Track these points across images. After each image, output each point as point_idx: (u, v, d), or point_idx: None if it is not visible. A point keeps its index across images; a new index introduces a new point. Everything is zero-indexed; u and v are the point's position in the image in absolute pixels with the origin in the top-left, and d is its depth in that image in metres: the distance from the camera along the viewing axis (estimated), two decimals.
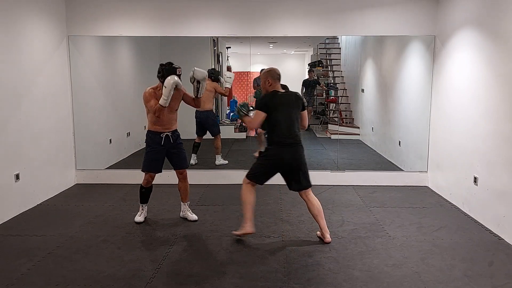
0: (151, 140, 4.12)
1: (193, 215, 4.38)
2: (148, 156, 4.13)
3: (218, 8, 5.53)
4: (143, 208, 4.34)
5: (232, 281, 3.08)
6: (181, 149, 4.25)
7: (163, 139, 4.09)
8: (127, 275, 3.17)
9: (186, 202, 4.39)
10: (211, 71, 6.18)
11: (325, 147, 7.42)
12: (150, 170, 4.16)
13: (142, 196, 4.31)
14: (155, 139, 4.09)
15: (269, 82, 3.77)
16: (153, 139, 4.10)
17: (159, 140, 4.09)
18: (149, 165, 4.15)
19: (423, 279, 3.11)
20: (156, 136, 4.09)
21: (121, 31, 5.55)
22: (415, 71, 5.93)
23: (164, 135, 4.09)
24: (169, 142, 4.12)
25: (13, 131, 4.43)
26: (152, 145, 4.11)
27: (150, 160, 4.13)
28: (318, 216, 3.82)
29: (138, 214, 4.33)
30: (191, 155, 6.27)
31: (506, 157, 3.84)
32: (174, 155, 4.20)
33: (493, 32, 4.08)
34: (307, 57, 9.87)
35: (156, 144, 4.09)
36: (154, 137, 4.10)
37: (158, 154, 4.13)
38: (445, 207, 4.79)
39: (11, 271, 3.23)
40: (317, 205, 3.82)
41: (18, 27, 4.52)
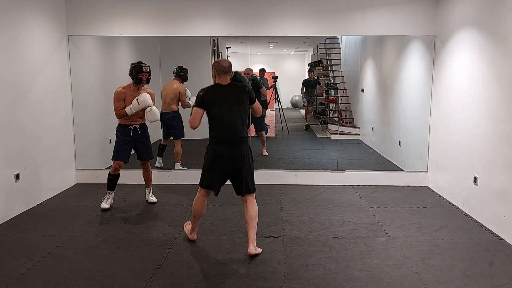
0: (121, 132, 4.53)
1: (153, 198, 4.88)
2: (117, 146, 4.52)
3: (218, 8, 5.53)
4: (110, 194, 4.66)
5: (232, 281, 3.08)
6: (147, 141, 4.67)
7: (132, 131, 4.51)
8: (127, 275, 3.17)
9: (149, 187, 4.90)
10: (179, 69, 5.84)
11: (325, 147, 7.42)
12: (118, 158, 4.51)
13: (109, 183, 4.62)
14: (124, 131, 4.51)
15: (213, 74, 3.51)
16: (122, 131, 4.52)
17: (128, 132, 4.51)
18: (117, 154, 4.52)
19: (423, 279, 3.11)
20: (125, 128, 4.51)
21: (121, 31, 5.55)
22: (415, 71, 5.93)
23: (132, 127, 4.51)
24: (137, 134, 4.55)
25: (13, 131, 4.43)
26: (121, 136, 4.51)
27: (118, 149, 4.51)
28: (249, 224, 3.48)
29: (104, 201, 4.63)
30: (157, 158, 5.93)
31: (506, 157, 3.84)
32: (141, 147, 4.62)
33: (493, 32, 4.08)
34: (307, 57, 9.86)
35: (125, 136, 4.51)
36: (123, 129, 4.52)
37: (126, 145, 4.52)
38: (445, 207, 4.79)
39: (11, 271, 3.23)
40: (252, 213, 3.49)
41: (18, 27, 4.52)
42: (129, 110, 4.39)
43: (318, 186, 5.60)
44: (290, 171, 5.84)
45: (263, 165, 6.24)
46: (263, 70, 7.88)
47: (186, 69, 5.94)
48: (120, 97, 4.43)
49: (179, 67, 5.88)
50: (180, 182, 5.70)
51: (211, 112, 3.41)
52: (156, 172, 5.73)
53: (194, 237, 3.81)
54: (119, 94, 4.43)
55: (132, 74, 4.45)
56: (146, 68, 4.46)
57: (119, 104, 4.43)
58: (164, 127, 5.87)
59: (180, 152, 5.88)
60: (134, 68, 4.44)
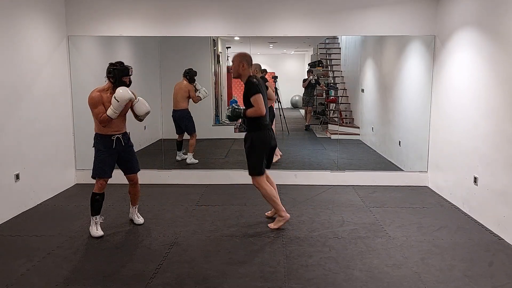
0: (101, 143, 3.86)
1: (140, 218, 4.26)
2: (100, 160, 3.86)
3: (218, 8, 5.52)
4: (96, 220, 3.92)
5: (232, 281, 3.08)
6: (132, 152, 4.06)
7: (114, 142, 3.88)
8: (127, 275, 3.17)
9: (136, 205, 4.25)
10: (186, 71, 6.33)
11: (325, 147, 7.42)
12: (103, 175, 3.86)
13: (95, 206, 3.89)
14: (105, 143, 3.86)
15: (243, 66, 3.89)
16: (104, 142, 3.86)
17: (110, 143, 3.87)
18: (101, 170, 3.85)
19: (423, 279, 3.11)
20: (106, 139, 3.86)
21: (121, 31, 5.55)
22: (415, 71, 5.93)
23: (115, 137, 3.87)
24: (120, 145, 3.91)
25: (13, 131, 4.43)
26: (103, 149, 3.86)
27: (102, 164, 3.85)
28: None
29: (95, 227, 3.91)
30: (176, 153, 6.48)
31: (506, 157, 3.84)
32: (126, 159, 4.00)
33: (493, 32, 4.08)
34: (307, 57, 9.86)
35: (107, 148, 3.86)
36: (104, 140, 3.86)
37: (110, 158, 3.88)
38: (445, 207, 4.79)
39: (11, 271, 3.23)
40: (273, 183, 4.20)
41: (18, 27, 4.52)
42: (111, 112, 3.71)
43: (318, 186, 5.60)
44: (290, 171, 5.84)
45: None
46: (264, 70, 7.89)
47: (194, 71, 6.38)
48: (98, 102, 3.77)
49: (188, 69, 6.36)
50: (180, 182, 5.70)
51: None
52: (156, 172, 5.74)
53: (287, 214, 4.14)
54: (96, 98, 3.77)
55: (113, 76, 3.78)
56: (131, 71, 3.89)
57: (100, 109, 3.76)
58: (175, 123, 6.34)
59: (193, 144, 6.36)
60: (117, 71, 3.77)
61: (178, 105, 6.27)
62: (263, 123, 3.91)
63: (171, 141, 6.24)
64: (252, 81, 3.81)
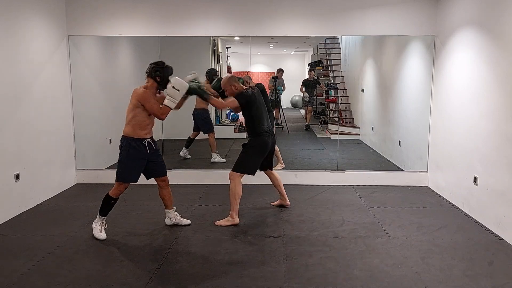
0: (134, 147, 3.75)
1: (185, 219, 4.23)
2: (128, 164, 3.77)
3: (218, 8, 5.53)
4: (103, 220, 3.90)
5: (232, 281, 3.08)
6: (160, 156, 4.02)
7: (147, 147, 3.81)
8: (127, 275, 3.17)
9: (174, 208, 4.18)
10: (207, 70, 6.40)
11: (325, 147, 7.42)
12: (130, 180, 3.81)
13: (107, 208, 3.87)
14: (139, 147, 3.76)
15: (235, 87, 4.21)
16: (137, 146, 3.76)
17: (143, 148, 3.79)
18: (129, 174, 3.79)
19: (423, 279, 3.11)
20: (140, 143, 3.77)
21: (121, 31, 5.55)
22: (415, 71, 5.93)
23: (146, 141, 3.81)
24: (151, 149, 3.86)
25: (13, 131, 4.44)
26: (134, 153, 3.75)
27: (130, 168, 3.78)
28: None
29: (99, 230, 3.87)
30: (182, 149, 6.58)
31: (506, 157, 3.84)
32: (156, 163, 3.94)
33: (493, 32, 4.08)
34: (307, 57, 9.86)
35: (140, 152, 3.77)
36: (138, 144, 3.76)
37: (140, 163, 3.82)
38: (445, 207, 4.79)
39: (11, 271, 3.23)
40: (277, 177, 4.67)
41: (18, 27, 4.52)
42: (171, 102, 3.70)
43: (318, 186, 5.60)
44: (290, 171, 5.84)
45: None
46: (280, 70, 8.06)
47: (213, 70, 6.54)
48: (150, 95, 3.71)
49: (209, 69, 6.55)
50: (180, 182, 5.70)
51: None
52: None
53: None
54: (147, 92, 3.71)
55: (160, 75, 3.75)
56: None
57: (155, 102, 3.72)
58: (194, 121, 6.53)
59: (212, 143, 6.50)
60: (165, 70, 3.78)
61: (197, 105, 6.36)
62: (260, 129, 4.22)
63: (171, 141, 6.24)
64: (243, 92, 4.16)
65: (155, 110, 3.73)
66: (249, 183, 5.64)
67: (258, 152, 4.25)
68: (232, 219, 4.19)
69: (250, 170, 4.25)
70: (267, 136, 4.25)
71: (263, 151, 4.27)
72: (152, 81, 3.78)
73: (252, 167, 4.25)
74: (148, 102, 3.69)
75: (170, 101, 3.72)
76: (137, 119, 3.73)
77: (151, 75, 3.77)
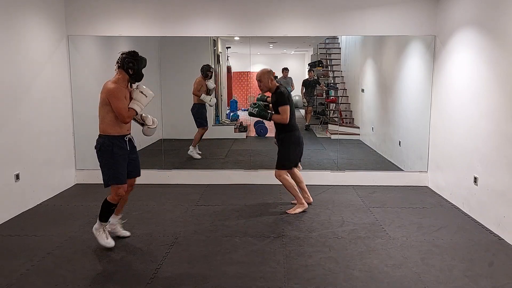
0: (116, 145, 3.47)
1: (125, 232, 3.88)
2: (116, 164, 3.47)
3: (218, 8, 5.52)
4: (105, 227, 3.65)
5: (232, 281, 3.08)
6: (138, 154, 3.75)
7: (127, 143, 3.55)
8: (127, 275, 3.17)
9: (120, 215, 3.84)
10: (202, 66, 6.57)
11: (325, 147, 7.42)
12: (122, 181, 3.51)
13: (108, 214, 3.60)
14: (120, 144, 3.49)
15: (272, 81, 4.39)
16: (118, 144, 3.48)
17: (125, 144, 3.53)
18: (120, 175, 3.49)
19: (423, 279, 3.11)
20: (120, 140, 3.50)
21: (120, 31, 5.55)
22: (415, 71, 5.93)
23: (127, 138, 3.56)
24: (132, 147, 3.62)
25: (13, 131, 4.43)
26: (118, 151, 3.47)
27: (119, 169, 3.49)
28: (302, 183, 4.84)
29: (105, 237, 3.61)
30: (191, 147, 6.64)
31: (506, 157, 3.84)
32: (134, 161, 3.66)
33: (493, 32, 4.08)
34: (307, 57, 9.87)
35: (122, 150, 3.50)
36: (119, 142, 3.49)
37: (125, 161, 3.54)
38: (445, 207, 4.79)
39: (11, 271, 3.23)
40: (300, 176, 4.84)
41: (17, 27, 4.52)
42: (139, 107, 3.48)
43: (318, 186, 5.60)
44: None
45: (263, 165, 6.23)
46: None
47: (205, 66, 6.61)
48: (122, 94, 3.41)
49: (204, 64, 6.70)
50: (180, 182, 5.70)
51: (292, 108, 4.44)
52: (156, 172, 5.74)
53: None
54: (119, 90, 3.40)
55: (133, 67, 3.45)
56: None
57: (124, 103, 3.42)
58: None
59: (197, 139, 6.52)
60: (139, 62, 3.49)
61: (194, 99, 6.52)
62: (294, 125, 4.50)
63: (171, 141, 6.25)
64: (282, 91, 4.34)
65: (121, 111, 3.39)
66: (249, 183, 5.65)
67: (295, 146, 4.53)
68: (302, 204, 4.57)
69: (292, 164, 4.58)
70: (299, 131, 4.58)
71: (299, 145, 4.57)
72: (124, 74, 3.46)
73: (293, 160, 4.58)
74: (116, 101, 3.36)
75: (137, 106, 3.47)
76: (113, 116, 3.43)
77: (123, 66, 3.44)
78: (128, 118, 3.46)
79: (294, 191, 4.56)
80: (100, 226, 3.64)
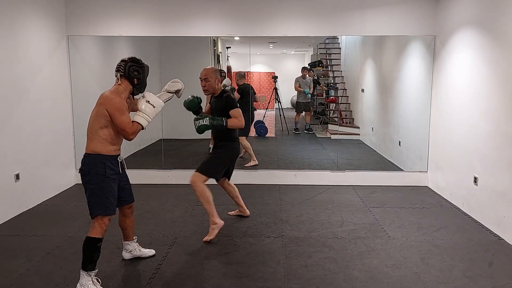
0: (110, 167, 2.93)
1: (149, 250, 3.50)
2: (106, 192, 2.92)
3: (218, 8, 5.52)
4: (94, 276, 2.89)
5: (232, 281, 3.08)
6: (128, 177, 3.23)
7: (119, 165, 3.03)
8: (127, 275, 3.17)
9: (134, 238, 3.44)
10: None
11: (325, 147, 7.42)
12: (112, 211, 2.97)
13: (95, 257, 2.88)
14: (112, 166, 2.95)
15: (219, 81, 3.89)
16: (112, 165, 2.95)
17: (117, 167, 3.00)
18: (110, 204, 2.95)
19: (423, 280, 3.11)
20: (112, 161, 2.96)
21: (120, 31, 5.55)
22: (415, 71, 5.93)
23: (120, 159, 3.05)
24: (123, 169, 3.09)
25: (13, 131, 4.43)
26: (109, 174, 2.92)
27: (109, 196, 2.94)
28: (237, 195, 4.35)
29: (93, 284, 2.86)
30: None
31: (506, 157, 3.84)
32: (126, 186, 3.18)
33: (493, 32, 4.08)
34: (307, 57, 9.87)
35: (114, 173, 2.96)
36: (111, 163, 2.94)
37: (116, 187, 3.01)
38: (445, 207, 4.79)
39: (11, 271, 3.23)
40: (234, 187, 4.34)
41: (17, 27, 4.52)
42: (145, 121, 3.00)
43: (318, 186, 5.60)
44: (290, 171, 5.84)
45: (263, 165, 6.24)
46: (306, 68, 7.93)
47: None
48: (126, 107, 2.94)
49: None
50: (180, 182, 5.70)
51: None
52: (156, 172, 5.74)
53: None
54: (123, 103, 2.92)
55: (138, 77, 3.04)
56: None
57: (128, 117, 2.93)
58: None
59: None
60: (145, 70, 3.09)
61: None
62: (236, 135, 4.02)
63: (171, 141, 6.25)
64: (231, 95, 3.88)
65: (126, 126, 2.89)
66: (249, 183, 5.65)
67: (230, 158, 4.02)
68: (215, 224, 3.82)
69: (216, 174, 3.96)
70: (239, 143, 4.09)
71: (233, 159, 4.07)
72: (127, 83, 3.01)
73: (220, 171, 3.96)
74: (121, 115, 2.86)
75: (143, 119, 2.99)
76: (107, 132, 2.92)
77: (128, 75, 3.00)
78: (133, 135, 2.95)
79: (208, 206, 3.78)
80: (87, 279, 2.83)
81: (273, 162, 6.55)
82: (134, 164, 4.89)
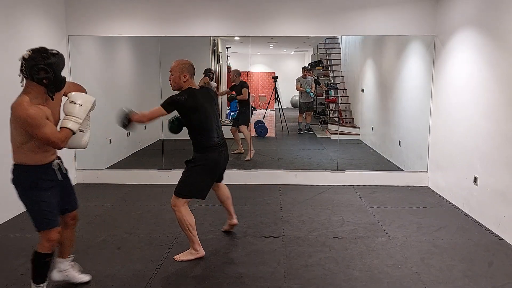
0: (43, 178, 2.59)
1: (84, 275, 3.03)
2: (45, 203, 2.58)
3: (218, 8, 5.52)
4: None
5: (232, 281, 3.08)
6: (71, 181, 2.89)
7: (57, 171, 2.69)
8: (127, 275, 3.17)
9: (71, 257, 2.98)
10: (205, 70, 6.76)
11: (325, 147, 7.42)
12: (54, 224, 2.62)
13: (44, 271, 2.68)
14: (47, 175, 2.62)
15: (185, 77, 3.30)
16: (46, 175, 2.62)
17: (53, 173, 2.66)
18: (52, 216, 2.61)
19: (423, 279, 3.11)
20: (47, 170, 2.63)
21: (121, 31, 5.55)
22: (415, 71, 5.93)
23: (56, 165, 2.71)
24: (62, 174, 2.75)
25: None
26: (44, 185, 2.59)
27: (50, 208, 2.60)
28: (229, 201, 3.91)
29: None
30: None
31: (506, 157, 3.84)
32: (67, 192, 2.81)
33: (493, 32, 4.08)
34: (307, 57, 9.87)
35: (51, 182, 2.63)
36: (45, 172, 2.62)
37: (56, 196, 2.67)
38: (445, 207, 4.79)
39: (11, 271, 3.23)
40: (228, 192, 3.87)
41: (17, 27, 4.52)
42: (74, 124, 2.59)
43: (318, 186, 5.60)
44: (290, 171, 5.84)
45: (263, 165, 6.24)
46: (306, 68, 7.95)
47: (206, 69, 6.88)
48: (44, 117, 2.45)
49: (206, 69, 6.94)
50: None
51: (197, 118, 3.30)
52: (156, 172, 5.74)
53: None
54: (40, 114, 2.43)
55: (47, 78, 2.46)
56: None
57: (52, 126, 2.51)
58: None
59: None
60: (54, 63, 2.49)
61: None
62: (208, 143, 3.34)
63: (171, 141, 6.23)
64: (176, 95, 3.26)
65: (50, 138, 2.46)
66: (249, 183, 5.65)
67: (206, 172, 3.35)
68: (196, 251, 3.42)
69: (198, 193, 3.35)
70: (218, 151, 3.37)
71: (213, 171, 3.38)
72: (36, 86, 2.47)
73: (200, 189, 3.35)
74: (38, 129, 2.41)
75: (70, 122, 2.57)
76: (31, 145, 2.55)
77: (32, 77, 2.45)
78: (63, 143, 2.56)
79: (189, 233, 3.34)
80: None
81: (273, 162, 6.55)
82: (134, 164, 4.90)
